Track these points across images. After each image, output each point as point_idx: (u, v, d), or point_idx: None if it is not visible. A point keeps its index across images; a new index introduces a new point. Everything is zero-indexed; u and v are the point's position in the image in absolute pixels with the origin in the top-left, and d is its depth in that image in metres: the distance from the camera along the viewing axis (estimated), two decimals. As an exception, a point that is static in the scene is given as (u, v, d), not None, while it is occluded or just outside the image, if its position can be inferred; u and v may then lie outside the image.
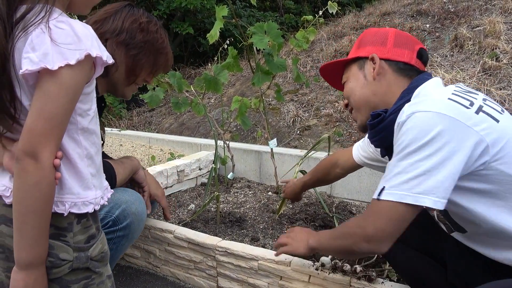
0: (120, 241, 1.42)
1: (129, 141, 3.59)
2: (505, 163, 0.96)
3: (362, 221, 1.08)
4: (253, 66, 2.04)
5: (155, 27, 1.48)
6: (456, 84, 1.14)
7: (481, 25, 4.25)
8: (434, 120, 0.96)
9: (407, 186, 0.97)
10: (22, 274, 0.81)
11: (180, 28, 6.21)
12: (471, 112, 0.98)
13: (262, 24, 1.87)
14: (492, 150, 0.96)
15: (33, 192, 0.77)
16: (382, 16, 5.36)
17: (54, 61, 0.75)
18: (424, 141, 0.96)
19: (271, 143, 2.31)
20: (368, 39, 1.28)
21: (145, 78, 1.54)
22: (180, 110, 2.29)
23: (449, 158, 0.94)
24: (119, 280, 1.83)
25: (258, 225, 1.99)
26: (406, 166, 0.98)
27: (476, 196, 1.01)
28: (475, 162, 0.96)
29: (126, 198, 1.44)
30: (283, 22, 7.34)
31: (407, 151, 0.99)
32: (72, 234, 0.87)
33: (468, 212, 1.03)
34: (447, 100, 1.01)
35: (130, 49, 1.42)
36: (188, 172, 2.58)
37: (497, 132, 0.97)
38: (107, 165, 1.43)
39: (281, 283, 1.53)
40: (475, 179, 0.99)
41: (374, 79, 1.21)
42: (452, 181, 0.96)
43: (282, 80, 4.62)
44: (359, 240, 1.07)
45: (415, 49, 1.22)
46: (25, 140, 0.77)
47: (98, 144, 0.92)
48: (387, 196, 1.00)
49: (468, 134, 0.95)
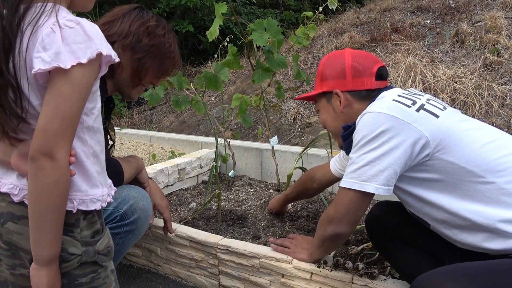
0: (127, 235, 1.44)
1: (130, 140, 3.58)
2: (447, 152, 1.10)
3: (328, 208, 1.30)
4: (253, 64, 2.03)
5: (163, 31, 1.48)
6: (408, 89, 1.29)
7: (482, 20, 4.23)
8: (379, 119, 1.13)
9: (355, 174, 1.16)
10: (45, 270, 0.83)
11: (180, 26, 6.19)
12: (412, 110, 1.13)
13: (262, 21, 1.86)
14: (433, 143, 1.10)
15: (52, 190, 0.79)
16: (382, 12, 5.34)
17: (67, 60, 0.76)
18: (370, 137, 1.13)
19: (272, 140, 2.30)
20: (328, 73, 1.37)
21: (152, 81, 1.54)
22: (180, 108, 2.28)
23: (390, 151, 1.10)
24: (120, 279, 1.83)
25: (259, 223, 1.99)
26: (355, 158, 1.17)
27: (428, 185, 1.14)
28: (418, 155, 1.11)
29: (134, 194, 1.46)
30: (283, 19, 7.32)
31: (357, 146, 1.17)
32: (79, 230, 0.89)
33: (425, 202, 1.17)
34: (391, 101, 1.17)
35: (136, 52, 1.42)
36: (189, 171, 2.58)
37: (435, 126, 1.11)
38: (116, 163, 1.45)
39: (283, 281, 1.53)
40: (424, 170, 1.13)
41: (342, 112, 1.34)
42: (392, 171, 1.11)
43: (282, 78, 4.61)
44: (326, 223, 1.27)
45: (373, 72, 1.31)
46: (40, 140, 0.77)
47: (102, 142, 0.93)
48: (342, 183, 1.20)
49: (408, 131, 1.10)
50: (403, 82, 3.62)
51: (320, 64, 1.42)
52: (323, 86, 1.38)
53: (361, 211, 1.21)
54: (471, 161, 1.08)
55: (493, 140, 1.12)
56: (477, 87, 3.39)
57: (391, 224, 1.40)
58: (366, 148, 1.14)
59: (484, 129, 1.17)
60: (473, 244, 1.10)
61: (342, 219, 1.22)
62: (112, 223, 1.40)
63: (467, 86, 3.39)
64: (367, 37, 4.79)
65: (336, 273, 1.41)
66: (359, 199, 1.17)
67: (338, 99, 1.33)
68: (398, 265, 1.40)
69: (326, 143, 3.56)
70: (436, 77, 3.56)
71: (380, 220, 1.43)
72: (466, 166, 1.08)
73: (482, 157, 1.08)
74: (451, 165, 1.09)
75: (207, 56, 6.80)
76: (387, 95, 1.25)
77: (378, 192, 1.13)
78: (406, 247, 1.36)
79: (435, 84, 3.50)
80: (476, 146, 1.10)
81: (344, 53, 1.36)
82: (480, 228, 1.08)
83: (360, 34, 4.91)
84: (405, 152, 1.10)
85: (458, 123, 1.15)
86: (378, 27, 4.92)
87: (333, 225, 1.24)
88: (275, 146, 2.41)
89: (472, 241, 1.10)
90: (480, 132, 1.15)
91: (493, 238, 1.06)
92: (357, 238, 1.76)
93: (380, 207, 1.48)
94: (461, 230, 1.13)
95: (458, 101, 3.36)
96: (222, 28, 6.58)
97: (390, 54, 4.22)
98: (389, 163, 1.11)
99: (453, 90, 3.43)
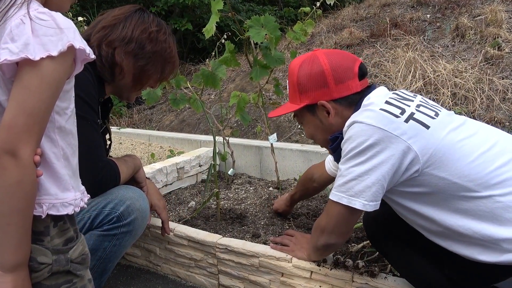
0: (124, 237, 1.42)
1: (129, 139, 3.57)
2: (438, 168, 1.06)
3: (320, 216, 1.30)
4: (251, 61, 2.01)
5: (164, 36, 1.47)
6: (398, 90, 1.24)
7: (482, 14, 4.19)
8: (367, 132, 1.09)
9: (343, 188, 1.14)
10: (10, 277, 0.77)
11: (178, 25, 6.16)
12: (400, 121, 1.09)
13: (259, 18, 1.84)
14: (422, 158, 1.06)
15: (15, 191, 0.74)
16: (382, 7, 5.30)
17: (36, 52, 0.72)
18: (358, 150, 1.10)
19: (271, 138, 2.28)
20: (306, 84, 1.25)
21: (152, 85, 1.55)
22: (178, 107, 2.26)
23: (377, 166, 1.08)
24: (119, 279, 1.82)
25: (259, 221, 1.97)
26: (343, 170, 1.14)
27: (421, 199, 1.11)
28: (407, 170, 1.08)
29: (131, 195, 1.44)
30: (282, 16, 7.28)
31: (346, 157, 1.14)
32: (49, 238, 0.83)
33: (418, 215, 1.14)
34: (378, 111, 1.11)
35: (139, 59, 1.42)
36: (188, 169, 2.56)
37: (425, 139, 1.07)
38: (112, 163, 1.43)
39: (282, 280, 1.51)
40: (415, 185, 1.10)
41: (331, 123, 1.26)
42: (380, 186, 1.09)
43: (282, 75, 4.58)
44: (319, 233, 1.27)
45: (355, 73, 1.22)
46: (4, 137, 0.73)
47: (75, 145, 0.88)
48: (331, 196, 1.18)
49: (397, 144, 1.06)
50: (403, 77, 3.59)
51: (292, 74, 1.28)
52: (304, 99, 1.26)
53: (351, 224, 1.22)
54: (464, 176, 1.04)
55: (489, 148, 1.07)
56: (478, 82, 3.36)
57: (389, 223, 1.37)
58: (354, 161, 1.11)
59: (480, 134, 1.12)
60: (467, 256, 1.08)
61: (333, 230, 1.22)
62: (109, 224, 1.38)
63: (468, 81, 3.36)
64: (366, 32, 4.76)
65: (336, 271, 1.39)
66: (348, 213, 1.17)
67: (324, 110, 1.25)
68: (397, 265, 1.38)
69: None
70: (436, 72, 3.53)
71: (378, 219, 1.40)
72: (459, 182, 1.05)
73: (476, 171, 1.04)
74: (442, 180, 1.06)
75: (206, 54, 6.76)
76: (374, 101, 1.17)
77: (365, 208, 1.12)
78: (405, 247, 1.33)
79: (435, 79, 3.47)
80: (470, 159, 1.05)
81: (317, 55, 1.24)
82: (474, 242, 1.05)
83: (360, 29, 4.88)
84: (393, 167, 1.08)
85: (450, 133, 1.09)
86: (378, 22, 4.89)
87: (325, 236, 1.25)
88: (275, 144, 2.39)
89: (467, 253, 1.08)
90: (475, 140, 1.09)
91: (488, 252, 1.04)
92: (358, 236, 1.74)
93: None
94: (455, 242, 1.10)
95: (459, 95, 3.33)
96: (221, 26, 6.54)
97: (390, 49, 4.19)
98: (376, 179, 1.09)
99: (454, 84, 3.41)
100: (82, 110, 1.30)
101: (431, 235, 1.16)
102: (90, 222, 1.37)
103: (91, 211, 1.37)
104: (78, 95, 1.32)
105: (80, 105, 1.32)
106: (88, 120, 1.33)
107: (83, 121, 1.31)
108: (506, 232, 1.01)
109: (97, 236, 1.37)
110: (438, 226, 1.11)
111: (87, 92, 1.33)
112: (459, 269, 1.18)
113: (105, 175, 1.38)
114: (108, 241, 1.38)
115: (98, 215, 1.37)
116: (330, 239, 1.24)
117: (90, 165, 1.31)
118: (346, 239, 1.27)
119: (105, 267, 1.41)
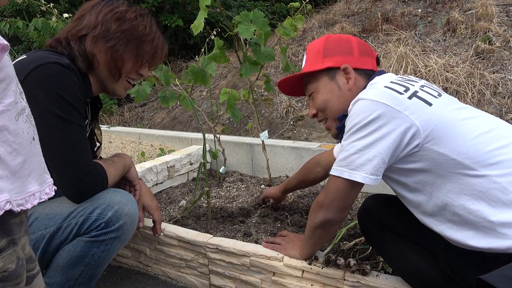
0: (113, 242, 1.36)
1: (119, 138, 3.53)
2: (438, 143, 1.06)
3: (319, 194, 1.28)
4: (241, 57, 1.98)
5: (134, 14, 1.40)
6: (403, 75, 1.28)
7: (473, 8, 4.19)
8: (370, 107, 1.10)
9: (344, 162, 1.15)
10: None
11: (169, 21, 6.10)
12: (404, 98, 1.10)
13: (247, 13, 1.80)
14: (423, 133, 1.07)
15: None
16: (373, 2, 5.28)
17: None
18: (361, 124, 1.11)
19: (262, 135, 2.26)
20: (333, 49, 1.32)
21: (136, 70, 1.46)
22: (167, 104, 2.23)
23: (379, 140, 1.08)
24: (109, 281, 1.79)
25: (250, 220, 1.95)
26: (346, 145, 1.15)
27: (418, 176, 1.12)
28: (408, 145, 1.08)
29: (119, 199, 1.37)
30: (274, 11, 7.24)
31: (348, 133, 1.15)
32: None
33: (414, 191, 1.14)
34: (383, 88, 1.14)
35: (108, 41, 1.35)
36: (179, 168, 2.53)
37: (427, 115, 1.08)
38: (99, 167, 1.36)
39: (274, 279, 1.49)
40: (414, 160, 1.11)
41: (349, 90, 1.29)
42: (380, 160, 1.09)
43: (274, 71, 4.56)
44: (317, 209, 1.26)
45: (374, 56, 1.34)
46: None
47: (14, 142, 0.76)
48: (332, 170, 1.19)
49: (399, 119, 1.07)
50: (395, 72, 3.58)
51: (316, 43, 1.36)
52: (327, 62, 1.31)
53: (350, 199, 1.20)
54: (463, 152, 1.04)
55: (488, 131, 1.08)
56: (469, 76, 3.36)
57: (383, 216, 1.37)
58: (356, 136, 1.12)
59: (481, 118, 1.13)
60: (460, 241, 1.07)
61: (331, 205, 1.21)
62: (97, 231, 1.32)
63: (459, 75, 3.36)
64: (358, 27, 4.74)
65: (327, 270, 1.37)
66: (348, 187, 1.16)
67: (345, 76, 1.30)
68: (390, 259, 1.37)
69: (319, 135, 3.53)
70: (427, 66, 3.52)
71: (372, 212, 1.40)
72: (457, 158, 1.04)
73: (475, 149, 1.04)
74: (441, 156, 1.06)
75: (198, 51, 6.69)
76: (379, 81, 1.22)
77: (365, 181, 1.12)
78: (398, 240, 1.33)
79: (427, 73, 3.47)
80: (470, 136, 1.05)
81: (346, 35, 1.36)
82: (468, 224, 1.04)
83: (351, 24, 4.86)
84: (395, 141, 1.08)
85: (452, 111, 1.11)
86: (369, 17, 4.87)
87: (323, 211, 1.23)
88: (266, 141, 2.37)
89: (459, 237, 1.07)
90: (476, 122, 1.10)
91: (480, 236, 1.02)
92: (350, 233, 1.73)
93: (372, 200, 1.45)
94: (448, 225, 1.09)
95: (450, 90, 3.33)
96: (212, 22, 6.47)
97: (381, 44, 4.18)
98: (377, 152, 1.09)
99: (445, 79, 3.40)
100: (66, 112, 1.26)
101: (425, 217, 1.16)
102: (77, 228, 1.31)
103: (78, 217, 1.31)
104: (62, 97, 1.28)
105: (64, 108, 1.27)
106: (72, 123, 1.27)
107: (67, 125, 1.26)
108: (502, 216, 0.99)
109: (84, 243, 1.31)
110: (434, 206, 1.10)
111: (71, 93, 1.28)
112: (452, 263, 1.16)
113: (91, 180, 1.31)
114: (96, 247, 1.33)
115: (85, 221, 1.31)
116: (328, 213, 1.22)
117: (74, 170, 1.27)
118: (345, 216, 1.25)
119: (93, 273, 1.37)
